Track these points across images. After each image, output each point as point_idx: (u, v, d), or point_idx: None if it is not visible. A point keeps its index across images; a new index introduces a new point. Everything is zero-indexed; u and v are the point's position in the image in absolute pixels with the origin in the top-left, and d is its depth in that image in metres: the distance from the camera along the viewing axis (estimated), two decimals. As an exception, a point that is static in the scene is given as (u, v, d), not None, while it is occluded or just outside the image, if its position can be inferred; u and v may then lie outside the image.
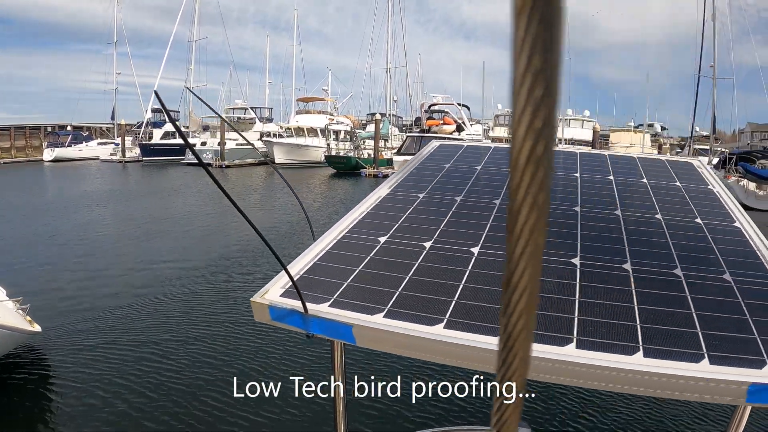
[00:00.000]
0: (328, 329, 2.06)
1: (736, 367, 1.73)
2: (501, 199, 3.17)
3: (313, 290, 2.25)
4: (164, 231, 20.82)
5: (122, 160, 60.39)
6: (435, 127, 59.34)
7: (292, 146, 56.85)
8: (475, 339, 1.93)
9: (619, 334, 1.91)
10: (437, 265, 2.46)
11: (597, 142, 49.04)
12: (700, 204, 3.08)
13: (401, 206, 3.13)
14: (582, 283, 2.26)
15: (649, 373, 1.74)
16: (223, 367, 9.19)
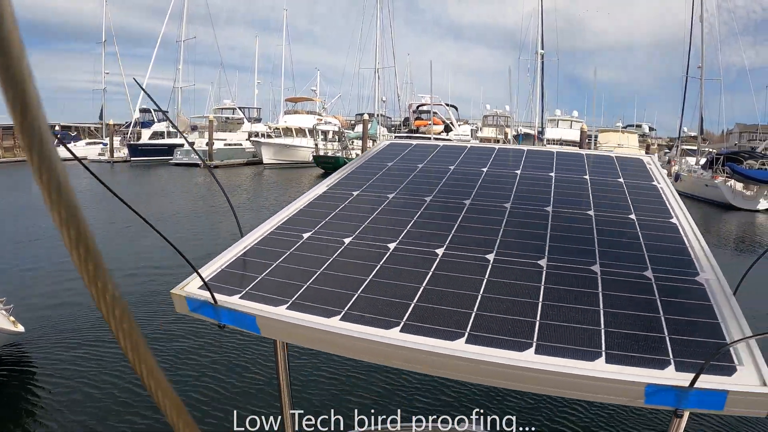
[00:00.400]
0: (235, 320, 2.12)
1: (634, 367, 1.71)
2: (433, 197, 3.16)
3: (230, 283, 2.31)
4: (149, 231, 20.73)
5: (110, 160, 59.97)
6: (423, 128, 59.55)
7: (280, 146, 56.82)
8: (368, 332, 1.94)
9: (514, 330, 1.90)
10: (350, 260, 2.50)
11: (584, 143, 49.04)
12: (640, 200, 3.07)
13: (334, 203, 3.15)
14: (490, 279, 2.25)
15: (537, 370, 1.72)
16: (205, 361, 9.17)
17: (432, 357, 1.79)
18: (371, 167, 3.76)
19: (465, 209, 2.97)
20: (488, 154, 3.95)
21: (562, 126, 65.91)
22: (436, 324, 1.91)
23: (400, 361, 1.87)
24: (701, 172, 46.33)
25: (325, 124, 65.40)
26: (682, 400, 1.62)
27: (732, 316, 1.95)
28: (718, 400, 1.60)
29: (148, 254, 16.21)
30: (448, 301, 2.09)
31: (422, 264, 2.41)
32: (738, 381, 1.64)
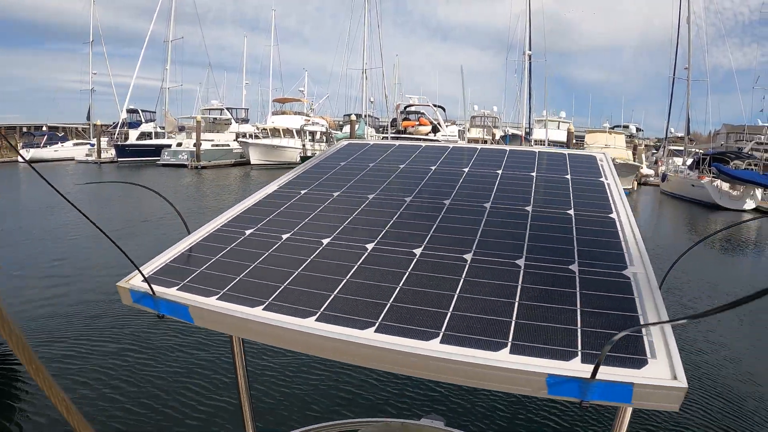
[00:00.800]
0: (171, 310, 2.21)
1: (538, 358, 1.72)
2: (376, 194, 3.19)
3: (171, 276, 2.38)
4: (136, 233, 20.73)
5: (98, 161, 59.59)
6: (411, 128, 59.64)
7: (267, 147, 56.83)
8: (287, 321, 2.00)
9: (425, 321, 1.93)
10: (284, 255, 2.54)
11: (571, 143, 49.21)
12: (583, 196, 3.08)
13: (281, 202, 3.19)
14: (412, 272, 2.28)
15: (442, 359, 1.74)
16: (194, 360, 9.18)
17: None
18: (325, 167, 3.80)
19: (405, 206, 3.01)
20: (441, 153, 3.99)
21: (549, 126, 66.07)
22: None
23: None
24: (688, 173, 46.56)
25: (312, 124, 65.50)
26: (585, 391, 1.62)
27: (653, 310, 1.96)
28: (624, 392, 1.60)
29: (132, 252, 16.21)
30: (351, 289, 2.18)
31: (352, 258, 2.45)
32: (646, 374, 1.62)
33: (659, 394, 1.59)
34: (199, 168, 54.44)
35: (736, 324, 12.51)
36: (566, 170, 3.53)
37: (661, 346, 1.75)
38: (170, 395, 7.99)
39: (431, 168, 3.63)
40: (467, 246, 2.50)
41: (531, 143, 59.78)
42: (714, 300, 14.49)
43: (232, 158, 60.26)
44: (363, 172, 3.63)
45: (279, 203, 3.17)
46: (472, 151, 4.02)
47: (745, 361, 10.34)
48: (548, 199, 3.04)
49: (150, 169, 52.37)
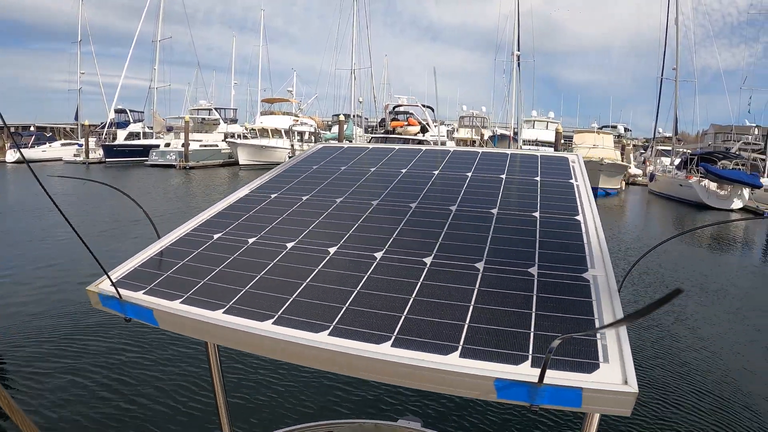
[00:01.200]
0: (137, 313, 2.24)
1: (487, 362, 1.72)
2: (344, 198, 3.19)
3: (139, 280, 2.41)
4: (124, 234, 20.66)
5: (86, 161, 59.28)
6: (399, 128, 59.61)
7: (256, 147, 56.67)
8: (244, 324, 2.03)
9: (379, 325, 1.94)
10: (248, 259, 2.56)
11: (559, 143, 49.30)
12: (551, 198, 3.08)
13: (251, 206, 3.20)
14: (371, 275, 2.30)
15: (391, 363, 1.75)
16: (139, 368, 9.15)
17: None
18: (297, 170, 3.81)
19: (371, 209, 3.02)
20: (413, 155, 3.99)
21: (538, 127, 66.24)
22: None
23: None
24: (676, 172, 46.75)
25: (301, 125, 65.44)
26: (534, 396, 1.62)
27: (610, 312, 1.96)
28: (573, 397, 1.61)
29: (117, 252, 16.19)
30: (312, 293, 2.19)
31: (314, 262, 2.46)
32: (596, 378, 1.63)
33: (610, 399, 1.59)
34: (187, 168, 54.29)
35: (699, 324, 12.56)
36: (536, 172, 3.53)
37: (614, 349, 1.75)
38: (146, 398, 7.96)
39: (402, 171, 3.64)
40: (428, 249, 2.51)
41: (519, 143, 59.90)
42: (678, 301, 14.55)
43: (221, 158, 60.12)
44: (334, 175, 3.64)
45: (249, 207, 3.18)
46: (444, 154, 4.03)
47: (706, 363, 10.38)
48: (515, 201, 3.05)
49: (138, 170, 52.15)
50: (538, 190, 3.20)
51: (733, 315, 13.61)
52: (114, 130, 66.31)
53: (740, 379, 9.70)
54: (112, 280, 2.33)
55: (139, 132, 65.50)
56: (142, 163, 57.28)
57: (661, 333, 11.80)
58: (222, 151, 60.80)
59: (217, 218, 3.06)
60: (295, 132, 62.24)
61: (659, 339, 11.57)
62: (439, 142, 51.15)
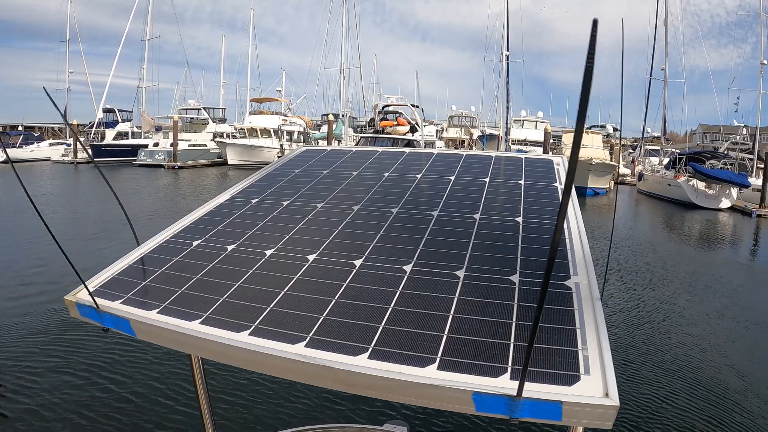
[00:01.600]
0: (115, 323, 2.21)
1: (465, 374, 1.70)
2: (324, 203, 3.16)
3: (117, 290, 2.38)
4: (110, 236, 20.58)
5: (74, 161, 58.87)
6: (389, 128, 59.61)
7: (245, 147, 56.62)
8: (220, 335, 2.00)
9: (356, 336, 1.92)
10: (227, 267, 2.54)
11: (548, 143, 49.41)
12: (534, 202, 3.05)
13: (231, 212, 3.17)
14: (349, 284, 2.28)
15: (367, 375, 1.73)
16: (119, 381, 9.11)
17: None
18: (279, 174, 3.77)
19: (352, 215, 2.99)
20: (396, 159, 3.96)
21: (527, 126, 66.43)
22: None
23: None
24: (664, 172, 46.98)
25: (290, 124, 65.28)
26: (514, 409, 1.60)
27: (592, 322, 1.93)
28: (553, 410, 1.58)
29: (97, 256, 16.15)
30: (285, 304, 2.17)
31: (292, 270, 2.43)
32: (577, 391, 1.61)
33: (590, 412, 1.57)
34: (176, 168, 54.11)
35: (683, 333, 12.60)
36: (521, 175, 3.50)
37: (596, 361, 1.73)
38: (130, 408, 7.91)
39: (384, 175, 3.61)
40: (408, 256, 2.48)
41: (509, 143, 60.01)
42: (655, 305, 14.60)
43: (210, 158, 59.99)
44: (316, 179, 3.61)
45: (229, 213, 3.15)
46: (428, 157, 4.00)
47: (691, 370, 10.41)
48: (498, 206, 3.02)
49: (126, 170, 51.93)
50: (522, 195, 3.17)
51: (720, 313, 13.66)
52: (102, 130, 66.05)
53: (729, 379, 9.74)
54: (89, 289, 2.32)
55: (128, 131, 65.33)
56: (131, 163, 57.08)
57: (651, 331, 11.84)
58: (211, 151, 60.69)
59: (197, 224, 3.03)
60: (284, 132, 62.14)
61: (648, 338, 11.64)
62: (423, 144, 51.27)
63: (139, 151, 58.04)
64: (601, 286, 2.20)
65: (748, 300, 15.49)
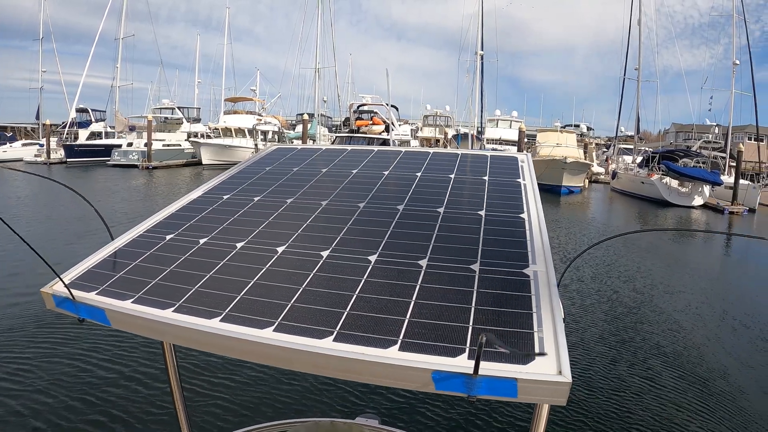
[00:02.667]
0: (90, 313, 2.27)
1: (425, 354, 1.78)
2: (294, 198, 3.24)
3: (92, 282, 2.44)
4: (82, 234, 20.48)
5: (47, 161, 58.20)
6: (364, 128, 59.56)
7: (219, 147, 56.33)
8: (193, 322, 2.07)
9: (322, 321, 2.00)
10: (199, 259, 2.60)
11: (523, 142, 49.63)
12: (497, 197, 3.14)
13: (203, 207, 3.23)
14: (317, 273, 2.36)
15: (332, 356, 1.81)
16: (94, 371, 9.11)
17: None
18: (250, 172, 3.84)
19: (320, 209, 3.07)
20: (365, 156, 4.04)
21: (501, 126, 66.75)
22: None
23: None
24: (638, 170, 47.38)
25: (264, 124, 65.09)
26: (471, 387, 1.67)
27: (548, 307, 2.02)
28: (509, 387, 1.66)
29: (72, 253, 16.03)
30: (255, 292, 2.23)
31: (262, 261, 2.51)
32: (532, 369, 1.68)
33: (544, 389, 1.65)
34: (150, 168, 53.75)
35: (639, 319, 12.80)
36: (485, 172, 3.59)
37: (550, 342, 1.81)
38: (101, 403, 7.91)
39: (353, 172, 3.69)
40: (374, 248, 2.56)
41: (483, 142, 60.20)
42: (611, 294, 14.79)
43: (184, 158, 59.62)
44: (286, 176, 3.67)
45: (202, 208, 3.20)
46: (396, 154, 4.07)
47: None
48: (462, 200, 3.10)
49: (100, 170, 51.50)
50: (486, 190, 3.25)
51: (680, 299, 13.92)
52: (75, 130, 65.25)
53: (679, 354, 10.06)
54: (65, 282, 2.37)
55: (101, 131, 64.81)
56: (104, 163, 56.56)
57: (608, 316, 12.05)
58: (185, 151, 60.31)
59: (170, 219, 3.09)
60: (259, 131, 61.98)
61: (606, 321, 11.93)
62: (397, 143, 51.31)
63: (112, 152, 57.50)
64: (560, 276, 2.29)
65: (716, 289, 15.80)
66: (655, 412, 8.11)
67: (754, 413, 8.35)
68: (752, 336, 12.15)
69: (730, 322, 12.91)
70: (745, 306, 14.56)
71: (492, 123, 67.68)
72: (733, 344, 11.54)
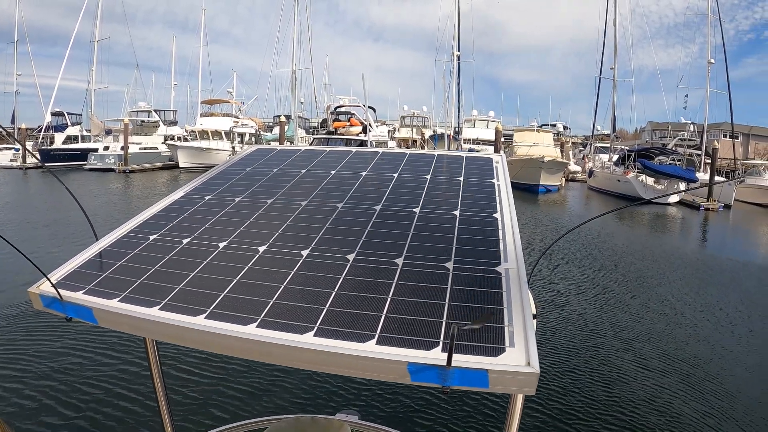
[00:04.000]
0: (77, 312, 2.31)
1: (401, 348, 1.86)
2: (274, 199, 3.30)
3: (79, 281, 2.48)
4: (66, 236, 20.39)
5: (23, 166, 57.78)
6: (342, 129, 59.55)
7: (196, 149, 56.07)
8: (179, 319, 2.13)
9: (303, 317, 2.07)
10: (183, 258, 2.64)
11: (499, 142, 49.84)
12: (471, 197, 3.22)
13: (185, 207, 3.27)
14: (297, 271, 2.42)
15: (312, 350, 1.88)
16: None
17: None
18: (230, 172, 3.89)
19: (300, 209, 3.13)
20: (343, 157, 4.11)
21: (478, 126, 66.85)
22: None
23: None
24: (614, 169, 47.73)
25: (241, 126, 64.88)
26: (445, 378, 1.75)
27: (518, 303, 2.10)
28: (480, 378, 1.74)
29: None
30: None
31: (244, 260, 2.57)
32: (501, 361, 1.76)
33: (514, 379, 1.73)
34: (127, 172, 53.46)
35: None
36: (461, 172, 3.66)
37: (520, 335, 1.90)
38: (84, 401, 7.94)
39: (331, 172, 3.75)
40: (352, 247, 2.64)
41: (460, 142, 60.33)
42: (581, 287, 14.98)
43: (161, 161, 59.30)
44: (266, 177, 3.73)
45: (184, 209, 3.25)
46: (373, 155, 4.14)
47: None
48: (437, 200, 3.17)
49: (77, 174, 51.03)
50: (461, 190, 3.33)
51: (651, 292, 14.15)
52: (51, 134, 64.58)
53: (642, 344, 10.33)
54: (52, 282, 2.40)
55: (77, 135, 64.21)
56: (81, 168, 56.11)
57: (580, 309, 12.20)
58: (162, 154, 59.98)
59: (153, 220, 3.14)
60: (236, 134, 61.79)
61: (577, 316, 12.14)
62: (374, 144, 51.28)
63: (89, 155, 57.02)
64: (529, 273, 2.38)
65: (689, 283, 16.01)
66: (624, 399, 8.27)
67: (721, 394, 8.58)
68: (719, 325, 12.62)
69: (696, 315, 13.12)
70: (712, 298, 14.92)
71: (469, 123, 67.81)
72: (699, 330, 11.81)
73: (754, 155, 71.33)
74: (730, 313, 13.70)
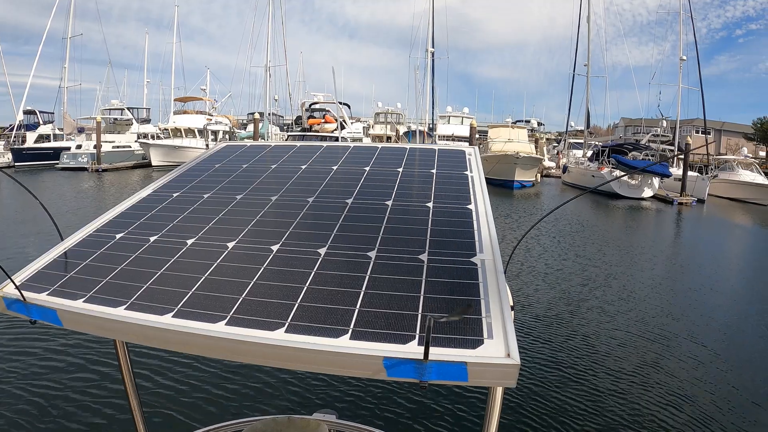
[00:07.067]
0: (41, 314, 2.26)
1: (376, 342, 1.81)
2: (244, 195, 3.25)
3: (43, 282, 2.43)
4: (30, 236, 20.18)
5: (-7, 165, 57.34)
6: (317, 126, 59.53)
7: (169, 148, 55.76)
8: (145, 318, 2.08)
9: (273, 313, 2.02)
10: (150, 256, 2.60)
11: (474, 138, 49.98)
12: (445, 189, 3.19)
13: (153, 205, 3.22)
14: (267, 267, 2.38)
15: (282, 347, 1.83)
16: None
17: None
18: (200, 169, 3.83)
19: (270, 204, 3.08)
20: (314, 152, 4.06)
21: (453, 122, 67.21)
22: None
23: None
24: (588, 164, 48.04)
25: (215, 123, 64.61)
26: (422, 372, 1.71)
27: (495, 293, 2.06)
28: (459, 371, 1.70)
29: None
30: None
31: (213, 257, 2.52)
32: (480, 353, 1.72)
33: (494, 371, 1.69)
34: (99, 171, 52.97)
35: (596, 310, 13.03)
36: (433, 165, 3.63)
37: (498, 327, 1.86)
38: (55, 407, 7.79)
39: (302, 167, 3.70)
40: (323, 241, 2.59)
41: (434, 139, 60.45)
42: (559, 281, 15.07)
43: (134, 160, 58.81)
44: (235, 173, 3.68)
45: (151, 206, 3.20)
46: (344, 150, 4.10)
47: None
48: (410, 193, 3.14)
49: (49, 174, 50.53)
50: (433, 182, 3.29)
51: (621, 279, 14.18)
52: (23, 133, 63.89)
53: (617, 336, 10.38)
54: (16, 283, 2.36)
55: (50, 134, 63.50)
56: (54, 167, 55.61)
57: (556, 299, 12.25)
58: (135, 152, 59.46)
59: (119, 218, 3.07)
60: (210, 131, 61.51)
61: (553, 305, 12.21)
62: (347, 139, 51.27)
63: (61, 154, 56.43)
64: (505, 263, 2.34)
65: (661, 272, 16.11)
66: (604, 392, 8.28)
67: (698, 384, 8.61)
68: (690, 307, 12.95)
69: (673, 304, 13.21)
70: (682, 284, 15.14)
71: (443, 119, 68.13)
72: (673, 313, 11.93)
73: (726, 150, 72.15)
74: (700, 297, 14.25)
